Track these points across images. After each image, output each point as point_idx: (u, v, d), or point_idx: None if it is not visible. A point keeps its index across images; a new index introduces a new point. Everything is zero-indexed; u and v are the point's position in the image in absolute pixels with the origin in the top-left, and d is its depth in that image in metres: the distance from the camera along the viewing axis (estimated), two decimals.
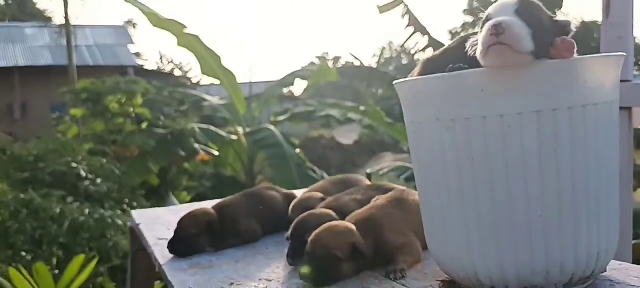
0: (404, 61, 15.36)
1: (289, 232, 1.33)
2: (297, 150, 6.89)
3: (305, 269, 1.15)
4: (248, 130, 7.31)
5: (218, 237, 1.51)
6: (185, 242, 1.47)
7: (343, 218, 1.28)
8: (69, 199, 4.77)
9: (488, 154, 0.94)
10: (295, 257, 1.28)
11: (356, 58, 9.91)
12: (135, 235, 2.00)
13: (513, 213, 0.94)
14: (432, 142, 1.00)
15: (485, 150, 0.94)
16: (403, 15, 8.32)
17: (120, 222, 4.50)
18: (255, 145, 6.67)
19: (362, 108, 7.76)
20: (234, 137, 7.40)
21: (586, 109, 0.91)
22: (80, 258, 3.42)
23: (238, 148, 7.18)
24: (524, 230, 0.94)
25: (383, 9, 8.29)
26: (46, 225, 4.20)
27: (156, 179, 6.82)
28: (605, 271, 1.06)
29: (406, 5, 8.12)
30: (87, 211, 4.46)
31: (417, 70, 1.09)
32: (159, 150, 6.66)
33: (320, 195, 1.55)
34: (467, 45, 0.95)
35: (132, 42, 14.29)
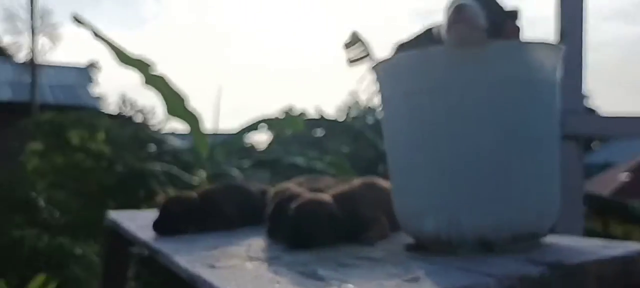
0: (370, 121, 15.70)
1: (270, 210, 1.46)
2: None
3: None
4: (211, 173, 7.31)
5: (200, 219, 1.61)
6: (169, 221, 1.57)
7: None
8: (27, 229, 4.69)
9: (448, 118, 1.11)
10: (274, 230, 1.40)
11: (321, 113, 10.14)
12: (111, 232, 2.06)
13: (468, 171, 1.11)
14: (402, 111, 1.17)
15: (446, 115, 1.11)
16: (371, 69, 8.67)
17: (79, 251, 4.46)
18: None
19: (328, 158, 7.90)
20: (196, 180, 7.40)
21: (530, 82, 1.11)
22: (41, 278, 3.39)
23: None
24: (477, 187, 1.11)
25: (352, 63, 8.64)
26: (4, 250, 4.13)
27: None
28: (546, 236, 1.23)
29: (375, 60, 8.51)
30: (46, 239, 4.40)
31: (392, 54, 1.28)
32: (118, 188, 6.60)
33: (296, 187, 1.68)
34: (434, 30, 1.14)
35: (96, 84, 14.28)
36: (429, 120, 1.13)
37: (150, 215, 2.06)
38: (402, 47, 1.25)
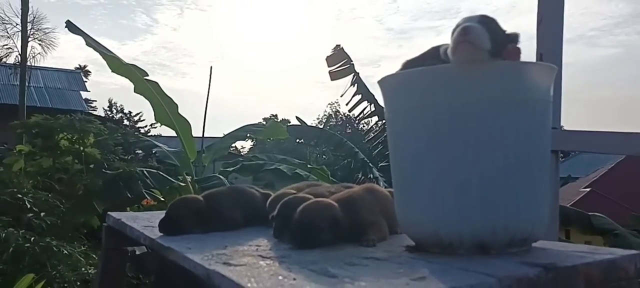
0: (348, 130, 15.86)
1: (275, 211, 1.53)
2: None
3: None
4: (196, 177, 7.33)
5: (205, 220, 1.67)
6: (175, 221, 1.62)
7: None
8: (11, 229, 4.67)
9: (451, 132, 1.20)
10: (280, 231, 1.48)
11: (303, 122, 10.21)
12: (110, 233, 2.11)
13: (469, 181, 1.19)
14: (407, 124, 1.26)
15: (450, 129, 1.20)
16: (353, 83, 8.84)
17: (65, 252, 4.45)
18: (202, 192, 6.70)
19: (309, 165, 7.99)
20: (183, 184, 7.41)
21: (527, 101, 1.20)
22: (28, 277, 3.40)
23: (185, 194, 7.19)
24: (477, 195, 1.19)
25: (335, 76, 8.79)
26: None
27: (97, 221, 6.71)
28: (537, 241, 1.32)
29: (356, 73, 8.66)
30: (32, 239, 4.39)
31: (398, 70, 1.37)
32: (106, 190, 6.58)
33: (294, 191, 1.76)
34: (441, 50, 1.23)
35: (85, 89, 14.19)
36: (433, 132, 1.21)
37: (148, 216, 2.12)
38: (409, 64, 1.34)
